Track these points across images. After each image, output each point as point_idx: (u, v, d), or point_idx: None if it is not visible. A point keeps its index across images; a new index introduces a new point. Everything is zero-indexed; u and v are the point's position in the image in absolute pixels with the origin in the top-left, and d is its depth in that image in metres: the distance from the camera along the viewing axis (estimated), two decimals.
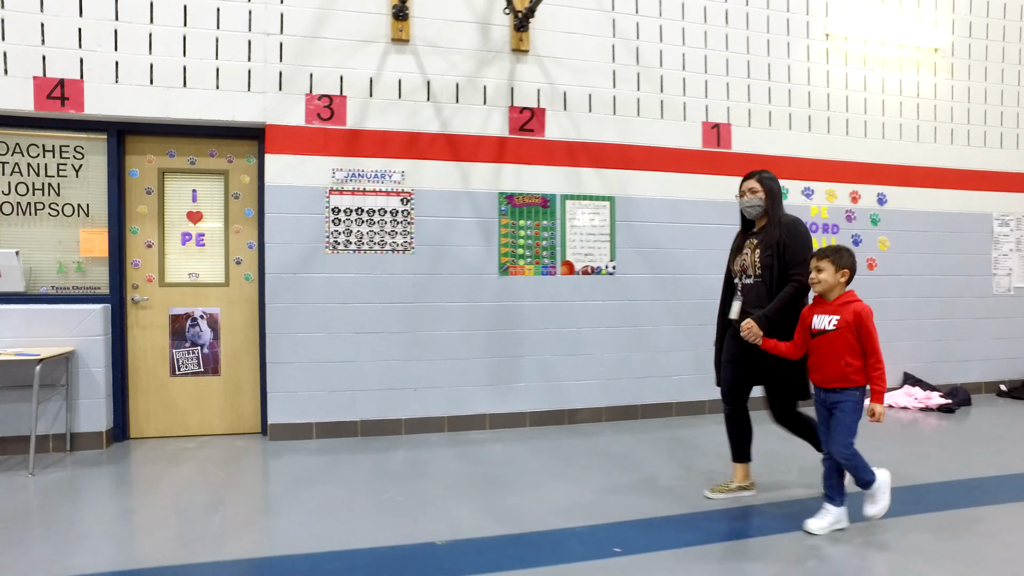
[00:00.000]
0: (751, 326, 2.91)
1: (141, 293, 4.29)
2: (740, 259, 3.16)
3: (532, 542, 2.71)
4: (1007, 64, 5.85)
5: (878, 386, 2.68)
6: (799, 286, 2.92)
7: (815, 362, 2.81)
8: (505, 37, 4.64)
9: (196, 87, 4.15)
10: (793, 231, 3.00)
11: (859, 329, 2.69)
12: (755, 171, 3.17)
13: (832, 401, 2.75)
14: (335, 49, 4.34)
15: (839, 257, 2.74)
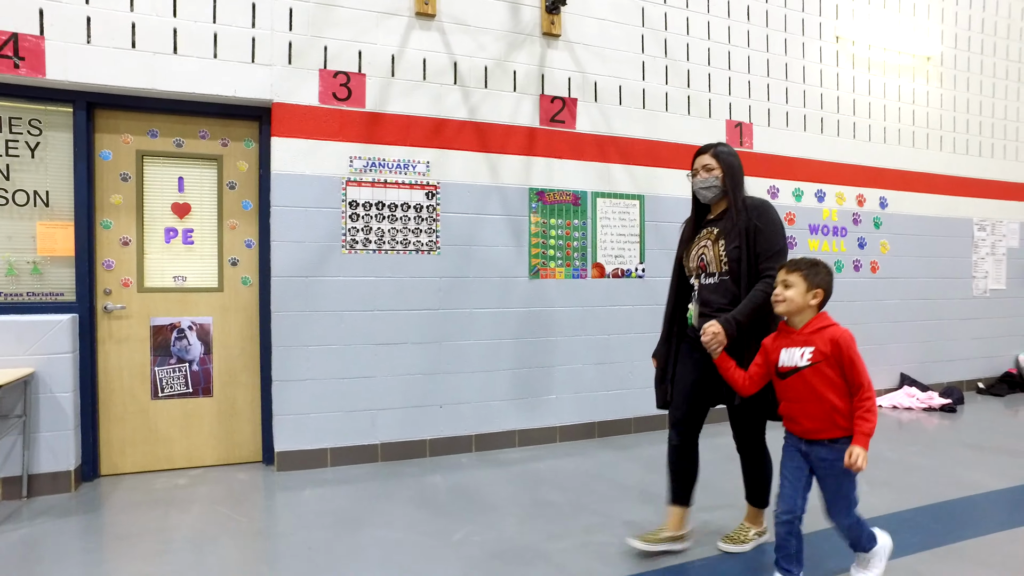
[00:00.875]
0: (716, 331, 2.34)
1: (115, 300, 3.56)
2: (696, 252, 2.57)
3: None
4: (985, 76, 6.12)
5: (864, 426, 2.08)
6: (775, 285, 2.31)
7: (791, 410, 2.24)
8: (536, 19, 4.26)
9: (189, 54, 3.48)
10: (764, 215, 2.44)
11: (841, 361, 2.13)
12: (709, 144, 2.59)
13: (821, 458, 2.17)
14: (353, 20, 3.80)
15: (813, 273, 2.19)
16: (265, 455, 3.82)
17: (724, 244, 2.45)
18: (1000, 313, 6.24)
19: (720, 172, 2.51)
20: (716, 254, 2.48)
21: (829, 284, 2.22)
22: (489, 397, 4.14)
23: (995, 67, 6.17)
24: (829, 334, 2.16)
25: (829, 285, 2.22)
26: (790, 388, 2.22)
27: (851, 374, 2.12)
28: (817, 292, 2.19)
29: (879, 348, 5.53)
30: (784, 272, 2.22)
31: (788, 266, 2.23)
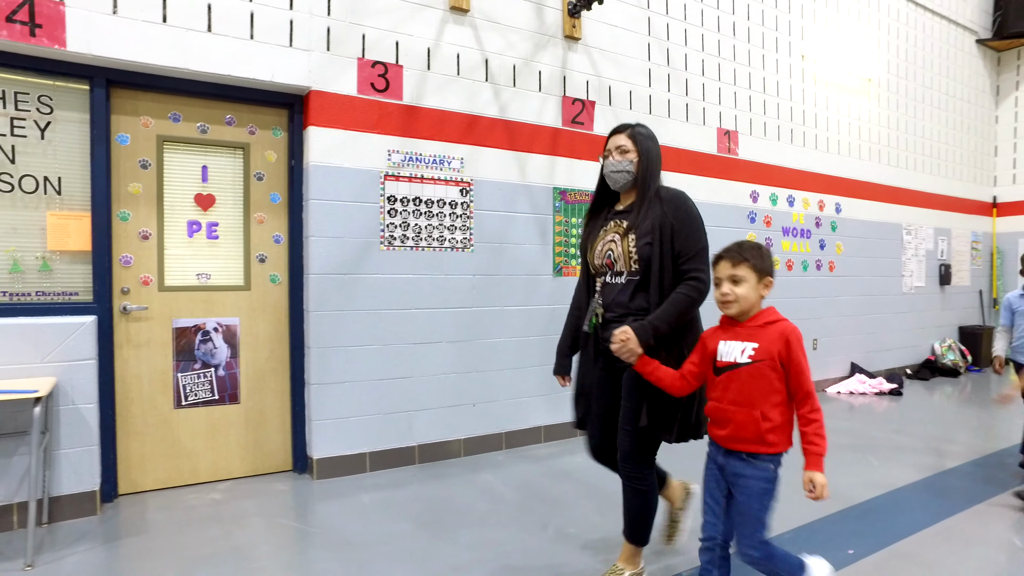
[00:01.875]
0: (626, 337, 1.99)
1: (134, 300, 3.22)
2: (602, 247, 2.22)
3: None
4: (909, 99, 6.94)
5: (817, 446, 1.78)
6: (700, 288, 2.07)
7: (717, 411, 1.90)
8: (558, 22, 4.33)
9: (224, 33, 3.22)
10: (683, 210, 2.11)
11: (789, 364, 1.80)
12: (626, 123, 2.28)
13: (734, 473, 1.86)
14: (390, 8, 3.68)
15: (760, 259, 1.85)
16: (296, 463, 3.60)
17: (635, 239, 2.10)
18: (921, 307, 7.11)
19: (636, 156, 2.18)
20: (625, 250, 2.12)
21: (773, 268, 1.91)
22: (519, 394, 4.16)
23: (916, 92, 7.02)
24: (779, 330, 1.82)
25: (773, 269, 1.92)
26: (720, 385, 1.89)
27: (797, 380, 1.80)
28: (768, 280, 1.87)
29: (835, 340, 6.13)
30: (728, 266, 1.85)
31: (731, 257, 1.86)
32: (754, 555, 1.84)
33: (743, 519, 1.85)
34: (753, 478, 1.82)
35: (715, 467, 1.94)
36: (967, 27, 7.54)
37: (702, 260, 2.09)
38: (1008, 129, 7.87)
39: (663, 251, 2.08)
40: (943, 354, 6.93)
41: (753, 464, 1.82)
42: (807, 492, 1.78)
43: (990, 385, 6.39)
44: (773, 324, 1.84)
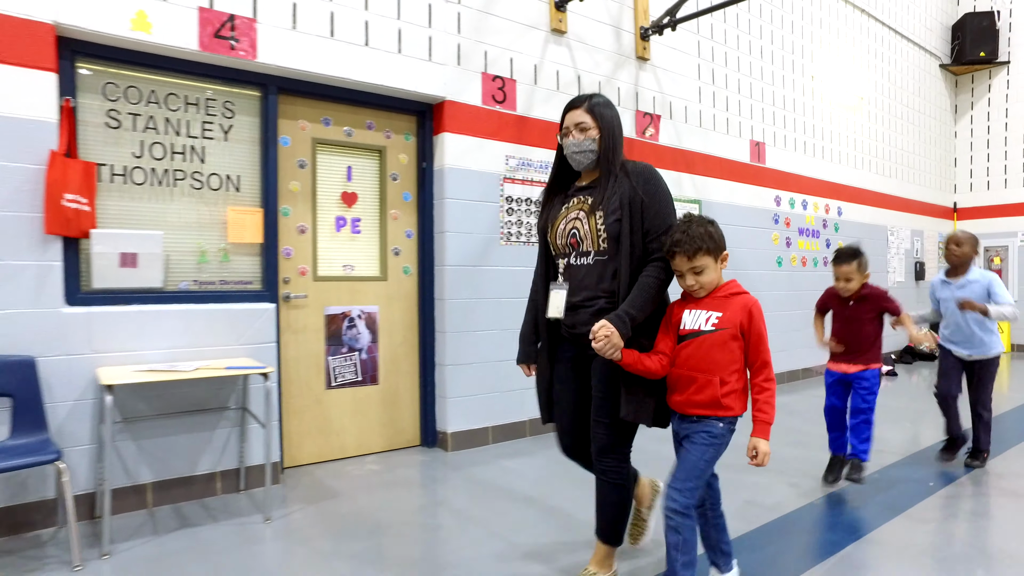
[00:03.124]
0: (609, 333, 1.84)
1: (294, 289, 3.51)
2: (565, 227, 2.07)
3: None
4: (891, 116, 7.86)
5: (765, 414, 1.84)
6: (669, 269, 1.95)
7: (677, 377, 1.92)
8: (632, 44, 4.85)
9: (378, 47, 3.57)
10: (652, 184, 1.99)
11: (748, 333, 1.86)
12: (582, 96, 2.08)
13: (686, 433, 1.91)
14: (505, 29, 4.10)
15: (712, 240, 1.86)
16: (425, 438, 3.96)
17: (603, 216, 1.97)
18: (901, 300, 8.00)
19: (597, 133, 2.02)
20: (592, 228, 1.98)
21: (724, 239, 1.92)
22: None
23: (895, 109, 7.95)
24: (741, 302, 1.88)
25: (724, 240, 1.92)
26: (683, 354, 1.90)
27: (757, 349, 1.86)
28: (724, 255, 1.90)
29: None
30: (685, 260, 1.85)
31: (683, 251, 1.84)
32: (677, 500, 1.82)
33: (680, 464, 1.88)
34: (700, 432, 1.86)
35: (675, 434, 1.97)
36: (932, 53, 8.57)
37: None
38: (965, 143, 8.97)
39: (633, 227, 1.95)
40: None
41: (704, 422, 1.87)
42: (750, 458, 1.83)
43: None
44: (737, 296, 1.90)
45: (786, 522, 2.78)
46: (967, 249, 3.42)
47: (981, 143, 8.79)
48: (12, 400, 2.55)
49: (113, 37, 2.84)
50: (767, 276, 6.04)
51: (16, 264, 2.63)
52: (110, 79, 2.95)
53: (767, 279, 6.02)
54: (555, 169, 2.17)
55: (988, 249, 8.61)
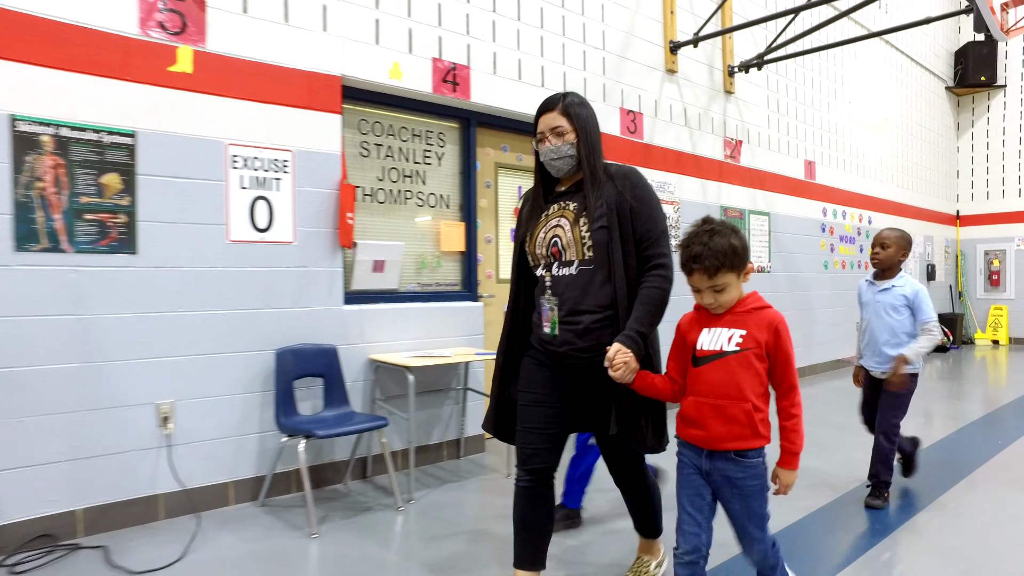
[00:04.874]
0: (628, 360, 1.72)
1: (484, 290, 4.22)
2: (545, 236, 1.92)
3: None
4: (909, 135, 8.84)
5: (793, 444, 1.68)
6: (669, 276, 1.84)
7: (698, 407, 1.69)
8: (721, 80, 5.66)
9: (550, 88, 4.30)
10: (639, 188, 1.88)
11: (775, 353, 1.66)
12: (554, 97, 1.96)
13: (725, 477, 1.68)
14: (635, 71, 4.87)
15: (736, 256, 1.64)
16: None
17: (587, 224, 1.83)
18: None
19: (574, 136, 1.89)
20: (576, 237, 1.84)
21: (748, 248, 1.71)
22: None
23: (910, 128, 8.94)
24: (767, 318, 1.66)
25: (748, 249, 1.71)
26: (705, 379, 1.67)
27: (783, 371, 1.66)
28: (748, 268, 1.69)
29: None
30: (705, 279, 1.63)
31: (703, 268, 1.62)
32: (766, 552, 1.73)
33: (748, 522, 1.69)
34: (747, 478, 1.66)
35: (697, 474, 1.72)
36: (939, 76, 9.60)
37: (664, 244, 1.86)
38: (966, 158, 10.05)
39: (624, 235, 1.82)
40: None
41: (743, 464, 1.65)
42: (772, 486, 1.69)
43: (972, 357, 8.36)
44: (760, 311, 1.67)
45: None
46: (893, 251, 2.93)
47: (981, 157, 9.87)
48: (323, 380, 3.22)
49: (377, 84, 3.52)
50: (816, 278, 6.92)
51: (318, 270, 3.30)
52: (363, 116, 3.63)
53: (816, 281, 6.91)
54: (537, 177, 2.02)
55: (988, 252, 9.71)
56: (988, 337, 9.67)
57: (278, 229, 3.17)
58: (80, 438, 2.67)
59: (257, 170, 3.10)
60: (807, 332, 6.73)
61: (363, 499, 3.14)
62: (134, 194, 2.78)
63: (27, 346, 2.55)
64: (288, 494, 3.19)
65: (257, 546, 2.60)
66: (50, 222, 2.61)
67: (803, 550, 2.52)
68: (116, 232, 2.75)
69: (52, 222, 2.61)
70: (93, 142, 2.69)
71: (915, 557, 2.47)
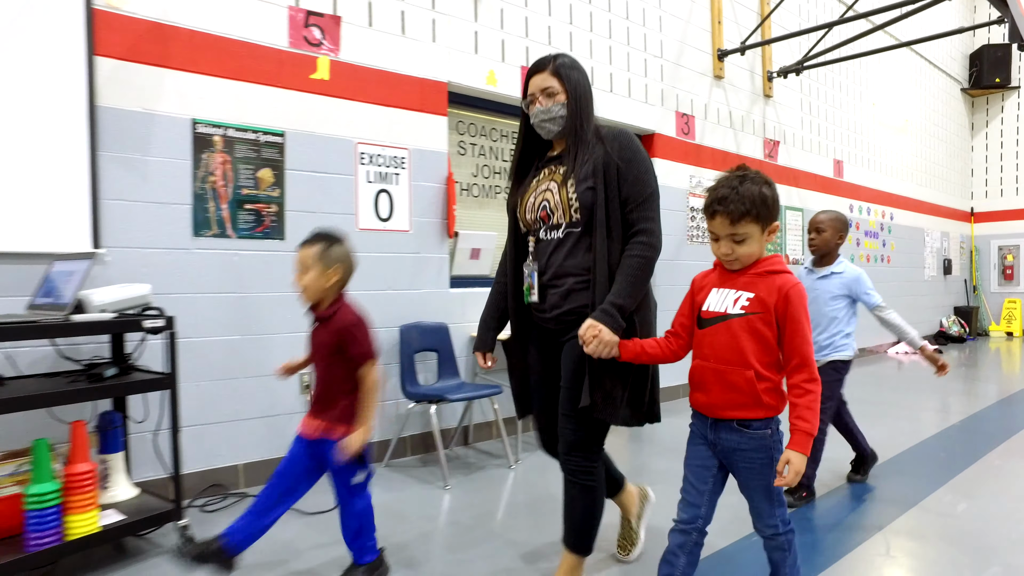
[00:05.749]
0: (598, 333, 1.64)
1: None
2: (535, 201, 1.87)
3: None
4: (927, 135, 9.25)
5: (807, 422, 1.48)
6: (653, 243, 1.77)
7: (701, 372, 1.60)
8: (761, 85, 6.06)
9: (618, 93, 4.69)
10: (629, 149, 1.79)
11: (785, 321, 1.50)
12: (545, 58, 1.86)
13: (729, 449, 1.58)
14: (688, 77, 5.26)
15: (766, 207, 1.51)
16: None
17: (574, 185, 1.77)
18: (933, 291, 9.44)
19: (565, 96, 1.81)
20: (564, 199, 1.79)
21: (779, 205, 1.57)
22: None
23: (927, 128, 9.34)
24: (780, 282, 1.52)
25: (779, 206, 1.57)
26: (708, 342, 1.59)
27: (794, 341, 1.50)
28: (774, 226, 1.56)
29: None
30: (727, 223, 1.52)
31: (728, 212, 1.51)
32: (779, 529, 1.60)
33: (756, 497, 1.60)
34: (752, 450, 1.55)
35: (704, 444, 1.63)
36: (955, 78, 10.01)
37: (651, 208, 1.78)
38: (981, 156, 10.46)
39: (609, 196, 1.75)
40: (949, 326, 9.28)
41: (748, 434, 1.54)
42: (778, 474, 1.49)
43: (987, 348, 8.75)
44: (776, 275, 1.54)
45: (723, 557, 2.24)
46: (829, 235, 2.82)
47: (995, 156, 10.28)
48: (437, 354, 3.60)
49: (476, 89, 3.91)
50: None
51: (429, 256, 3.68)
52: (460, 118, 4.02)
53: None
54: (521, 141, 1.95)
55: (1002, 248, 10.13)
56: (1003, 329, 10.07)
57: (397, 219, 3.55)
58: (239, 401, 3.05)
59: (380, 166, 3.49)
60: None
61: (474, 461, 3.52)
62: (283, 187, 3.16)
63: (201, 320, 2.93)
64: (405, 456, 3.56)
65: (401, 495, 2.98)
66: (219, 211, 2.99)
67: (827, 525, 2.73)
68: (269, 220, 3.13)
69: (220, 211, 3.00)
70: (252, 141, 3.07)
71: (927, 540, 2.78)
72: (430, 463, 3.45)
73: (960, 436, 3.99)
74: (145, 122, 2.79)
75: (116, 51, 2.71)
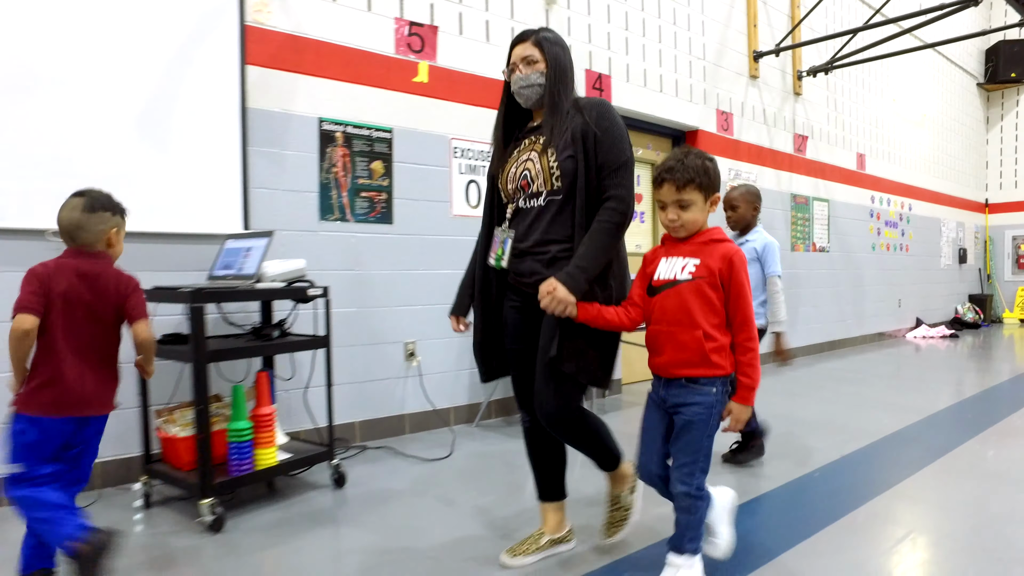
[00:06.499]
0: (553, 290, 1.70)
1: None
2: (516, 170, 1.92)
3: None
4: (943, 129, 9.62)
5: (749, 377, 1.67)
6: (623, 210, 1.79)
7: (655, 335, 1.73)
8: (791, 83, 6.47)
9: (667, 92, 5.11)
10: (606, 118, 1.83)
11: (729, 285, 1.66)
12: (529, 30, 1.93)
13: (676, 404, 1.70)
14: (727, 77, 5.68)
15: (707, 176, 1.68)
16: None
17: (554, 154, 1.82)
18: (949, 279, 9.83)
19: (544, 66, 1.87)
20: (545, 167, 1.83)
21: (719, 182, 1.73)
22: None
23: (944, 121, 9.72)
24: (723, 250, 1.68)
25: (719, 183, 1.73)
26: (659, 307, 1.72)
27: (737, 303, 1.66)
28: (715, 198, 1.72)
29: (907, 301, 8.64)
30: (673, 190, 1.67)
31: (674, 179, 1.66)
32: (688, 490, 1.68)
33: (682, 450, 1.70)
34: (694, 404, 1.67)
35: (656, 401, 1.77)
36: (971, 73, 10.37)
37: (624, 175, 1.80)
38: (995, 149, 10.83)
39: (588, 166, 1.80)
40: (964, 313, 9.68)
41: (694, 390, 1.67)
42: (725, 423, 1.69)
43: (1001, 334, 9.15)
44: (719, 243, 1.69)
45: None
46: (743, 210, 2.92)
47: (1009, 149, 10.65)
48: None
49: None
50: (866, 259, 7.71)
51: None
52: None
53: (866, 261, 7.70)
54: (502, 111, 1.99)
55: (1015, 237, 10.50)
56: (1016, 316, 10.45)
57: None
58: (355, 366, 3.49)
59: (469, 159, 3.92)
60: (859, 307, 7.53)
61: None
62: (391, 177, 3.60)
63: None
64: (491, 419, 4.00)
65: (500, 448, 3.42)
66: (340, 199, 3.43)
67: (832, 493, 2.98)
68: (380, 207, 3.57)
69: (341, 199, 3.44)
70: (366, 137, 3.51)
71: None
72: (513, 423, 3.89)
73: (980, 404, 4.41)
74: (284, 121, 3.23)
75: (261, 60, 3.15)
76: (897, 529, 2.29)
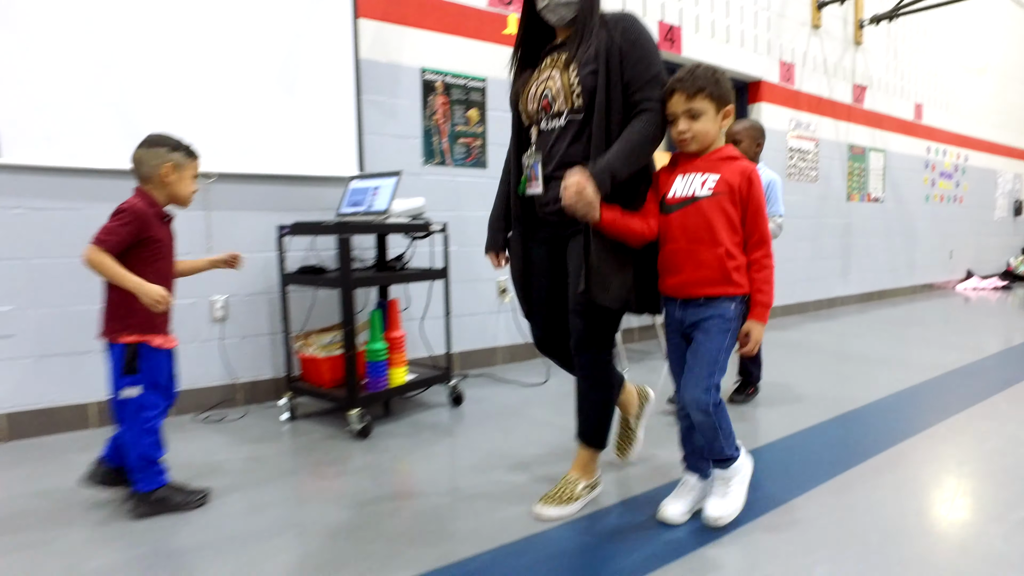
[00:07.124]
0: (578, 182, 1.57)
1: None
2: (536, 90, 1.81)
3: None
4: (1006, 79, 9.42)
5: (765, 295, 1.65)
6: (658, 121, 1.68)
7: (673, 254, 1.68)
8: (852, 33, 6.47)
9: (734, 43, 5.22)
10: (632, 31, 1.71)
11: (747, 202, 1.63)
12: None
13: (694, 321, 1.68)
14: (789, 27, 5.73)
15: (718, 86, 1.63)
16: None
17: (577, 70, 1.71)
18: (1003, 232, 9.77)
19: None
20: (565, 84, 1.73)
21: (732, 94, 1.67)
22: (823, 275, 6.39)
23: (1011, 71, 9.50)
24: (740, 166, 1.64)
25: (732, 95, 1.67)
26: (677, 225, 1.65)
27: (755, 221, 1.63)
28: (728, 110, 1.65)
29: (959, 252, 8.65)
30: (683, 99, 1.61)
31: (684, 88, 1.61)
32: (702, 399, 1.62)
33: (696, 360, 1.65)
34: (713, 318, 1.64)
35: (675, 324, 1.73)
36: None
37: (656, 89, 1.69)
38: None
39: (611, 81, 1.68)
40: (1017, 266, 9.63)
41: (714, 305, 1.64)
42: (740, 345, 1.67)
43: None
44: (735, 160, 1.66)
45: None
46: (746, 144, 2.86)
47: None
48: None
49: None
50: (919, 209, 7.74)
51: None
52: None
53: (919, 212, 7.73)
54: (522, 31, 1.89)
55: None
56: None
57: None
58: (454, 301, 3.78)
59: None
60: (910, 257, 7.60)
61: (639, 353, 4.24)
62: (485, 124, 3.84)
63: None
64: None
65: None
66: (440, 144, 3.69)
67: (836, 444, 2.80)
68: (475, 152, 3.83)
69: (441, 144, 3.70)
70: (462, 86, 3.75)
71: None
72: None
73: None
74: (392, 71, 3.48)
75: (372, 13, 3.39)
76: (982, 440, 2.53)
